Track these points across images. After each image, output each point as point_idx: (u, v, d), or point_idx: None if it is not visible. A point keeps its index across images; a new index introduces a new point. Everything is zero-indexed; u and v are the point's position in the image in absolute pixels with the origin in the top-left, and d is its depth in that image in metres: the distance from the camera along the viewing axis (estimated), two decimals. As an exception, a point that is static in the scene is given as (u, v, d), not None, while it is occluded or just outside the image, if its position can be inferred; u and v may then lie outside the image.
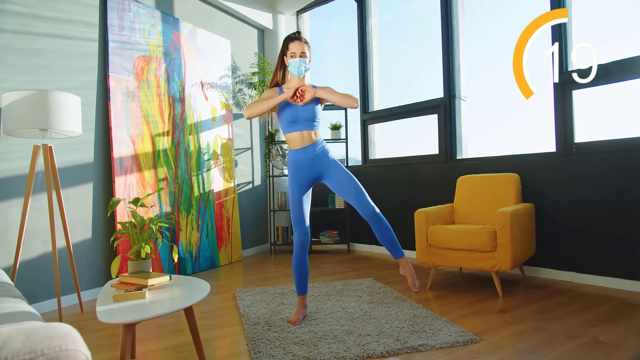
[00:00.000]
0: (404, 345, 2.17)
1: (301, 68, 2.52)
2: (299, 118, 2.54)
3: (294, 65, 2.53)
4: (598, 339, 2.21)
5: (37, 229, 2.96)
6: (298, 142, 2.56)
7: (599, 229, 3.26)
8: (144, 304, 1.66)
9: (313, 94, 2.51)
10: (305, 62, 2.54)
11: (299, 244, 2.59)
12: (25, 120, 2.55)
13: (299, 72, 2.53)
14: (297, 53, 2.52)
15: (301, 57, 2.52)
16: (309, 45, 2.58)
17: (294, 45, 2.53)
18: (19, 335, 0.73)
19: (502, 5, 4.20)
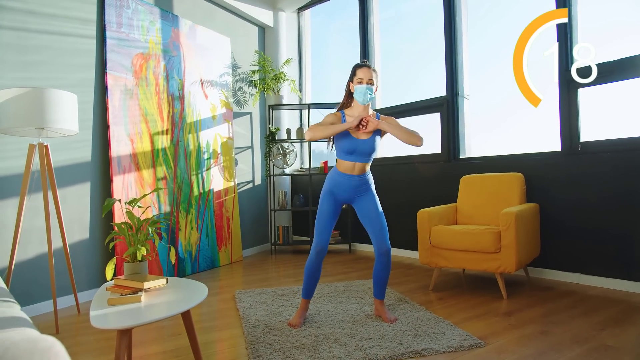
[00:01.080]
0: (407, 350, 2.12)
1: (367, 95, 2.48)
2: (357, 150, 2.52)
3: (359, 91, 2.49)
4: (607, 344, 2.16)
5: (33, 229, 2.90)
6: (349, 170, 2.55)
7: (605, 230, 3.20)
8: (140, 309, 1.61)
9: (376, 125, 2.46)
10: (372, 90, 2.49)
11: (316, 252, 2.53)
12: (21, 118, 2.49)
13: (364, 99, 2.49)
14: (365, 80, 2.49)
15: (368, 83, 2.48)
16: (377, 74, 2.55)
17: (362, 72, 2.50)
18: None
19: (506, 1, 4.14)
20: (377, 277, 2.60)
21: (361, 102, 2.50)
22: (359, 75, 2.50)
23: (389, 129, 2.47)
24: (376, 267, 2.59)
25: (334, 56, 5.94)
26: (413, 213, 3.67)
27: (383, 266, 2.56)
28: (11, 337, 0.72)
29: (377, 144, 2.56)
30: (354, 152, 2.51)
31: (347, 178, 2.54)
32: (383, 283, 2.60)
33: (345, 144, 2.51)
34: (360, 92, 2.49)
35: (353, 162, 2.53)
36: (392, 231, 4.57)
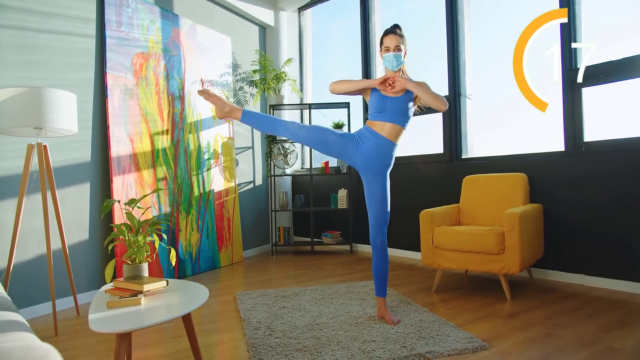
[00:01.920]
0: (411, 353, 2.09)
1: (394, 62, 2.48)
2: (386, 108, 2.48)
3: (387, 59, 2.49)
4: (613, 347, 2.12)
5: (32, 230, 2.87)
6: (377, 128, 2.51)
7: (609, 230, 3.16)
8: (139, 312, 1.57)
9: (403, 84, 2.44)
10: (400, 56, 2.48)
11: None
12: (19, 118, 2.46)
13: (392, 66, 2.49)
14: (392, 47, 2.48)
15: (395, 51, 2.47)
16: (404, 38, 2.53)
17: (388, 39, 2.50)
18: (-11, 358, 0.65)
19: (508, 0, 4.10)
20: (376, 272, 2.59)
21: (391, 69, 2.51)
22: (386, 43, 2.50)
23: (415, 89, 2.44)
24: (374, 262, 2.60)
25: (335, 56, 5.91)
26: (415, 214, 3.63)
27: (378, 257, 2.57)
28: (5, 344, 0.69)
29: (410, 107, 2.52)
30: (383, 110, 2.48)
31: (375, 135, 2.50)
32: (383, 279, 2.58)
33: (375, 102, 2.50)
34: (388, 61, 2.50)
35: (382, 121, 2.49)
36: (394, 232, 4.55)
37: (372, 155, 2.51)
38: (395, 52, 2.47)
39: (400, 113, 2.48)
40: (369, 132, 2.52)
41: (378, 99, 2.49)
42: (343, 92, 2.50)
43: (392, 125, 2.49)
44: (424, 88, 2.46)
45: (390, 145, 2.52)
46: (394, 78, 2.46)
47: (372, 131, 2.51)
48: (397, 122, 2.49)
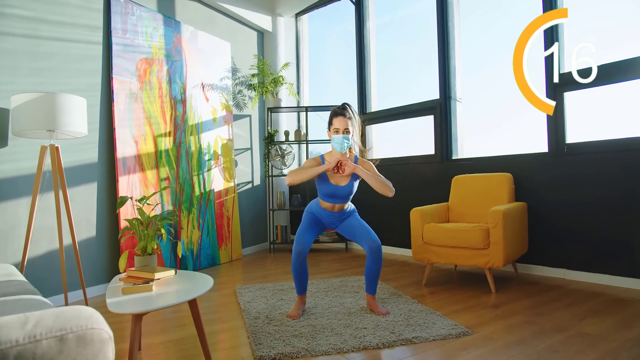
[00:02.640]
0: (399, 338, 2.26)
1: (344, 144, 2.64)
2: (336, 195, 2.71)
3: (336, 141, 2.65)
4: (584, 332, 2.31)
5: (43, 227, 3.04)
6: (329, 208, 2.77)
7: (590, 227, 3.35)
8: (152, 296, 1.75)
9: (353, 169, 2.60)
10: (348, 138, 2.64)
11: (297, 253, 2.65)
12: (33, 121, 2.63)
13: (341, 148, 2.65)
14: (341, 129, 2.63)
15: (344, 133, 2.63)
16: (353, 120, 2.67)
17: (337, 121, 2.64)
18: (49, 316, 0.82)
19: (497, 9, 4.30)
20: (369, 273, 2.71)
21: (338, 151, 2.66)
22: (335, 124, 2.65)
23: (363, 176, 2.61)
24: (368, 263, 2.70)
25: (331, 60, 6.10)
26: (407, 213, 3.82)
27: (374, 262, 2.66)
28: (58, 308, 0.87)
29: (355, 187, 2.74)
30: (334, 196, 2.71)
31: (327, 213, 2.79)
32: (374, 278, 2.72)
33: (325, 189, 2.71)
34: (337, 142, 2.65)
35: (333, 204, 2.74)
36: (386, 230, 4.74)
37: (335, 222, 2.81)
38: (344, 135, 2.63)
39: (347, 196, 2.73)
40: (323, 211, 2.78)
41: (328, 187, 2.69)
42: (300, 182, 2.63)
43: (341, 205, 2.76)
44: (371, 175, 2.62)
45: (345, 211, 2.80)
46: (344, 162, 2.61)
47: (325, 210, 2.77)
48: (345, 201, 2.75)
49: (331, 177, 2.70)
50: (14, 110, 2.65)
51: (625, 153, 3.19)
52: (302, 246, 2.65)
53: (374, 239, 2.66)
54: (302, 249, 2.65)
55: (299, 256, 2.65)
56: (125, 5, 3.70)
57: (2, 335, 0.75)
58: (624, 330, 2.32)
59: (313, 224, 2.79)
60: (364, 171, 2.62)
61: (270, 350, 2.12)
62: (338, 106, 2.71)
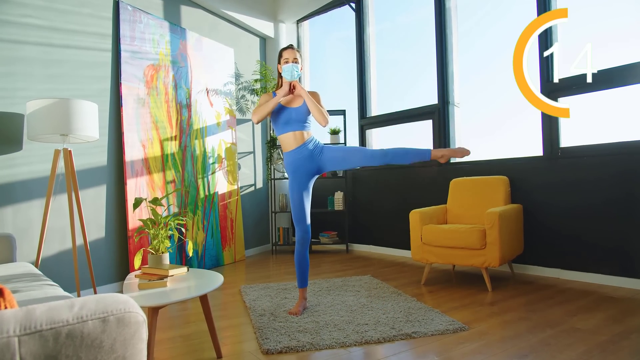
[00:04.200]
0: (399, 333, 2.38)
1: (294, 72, 2.76)
2: (291, 119, 2.78)
3: (286, 70, 2.78)
4: (575, 327, 2.42)
5: (56, 228, 3.15)
6: (292, 143, 2.80)
7: (583, 229, 3.47)
8: (166, 291, 1.86)
9: (300, 90, 2.75)
10: (297, 67, 2.78)
11: (300, 240, 2.82)
12: (48, 126, 2.75)
13: (292, 75, 2.77)
14: (290, 59, 2.78)
15: (293, 62, 2.78)
16: (300, 54, 2.84)
17: (286, 53, 2.81)
18: (91, 300, 0.94)
19: (493, 16, 4.43)
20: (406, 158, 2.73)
21: (289, 79, 2.78)
22: (285, 56, 2.81)
23: (306, 97, 2.73)
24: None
25: (332, 65, 6.22)
26: (406, 214, 3.93)
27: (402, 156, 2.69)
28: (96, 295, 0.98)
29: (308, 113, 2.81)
30: (289, 120, 2.78)
31: (297, 152, 2.78)
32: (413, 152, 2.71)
33: (281, 115, 2.78)
34: (287, 70, 2.78)
35: (292, 131, 2.77)
36: (386, 231, 4.85)
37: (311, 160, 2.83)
38: (294, 63, 2.78)
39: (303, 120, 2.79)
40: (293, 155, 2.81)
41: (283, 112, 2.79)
42: (264, 116, 2.74)
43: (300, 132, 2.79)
44: (311, 100, 2.74)
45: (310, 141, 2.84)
46: (294, 83, 2.77)
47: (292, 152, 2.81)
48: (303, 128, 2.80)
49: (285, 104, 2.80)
50: (30, 116, 2.76)
51: (617, 157, 3.31)
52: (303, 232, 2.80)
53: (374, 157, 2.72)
54: (304, 234, 2.80)
55: (303, 244, 2.80)
56: (134, 13, 3.83)
57: (55, 316, 0.86)
58: (613, 325, 2.43)
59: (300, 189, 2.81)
60: (308, 96, 2.74)
61: (276, 344, 2.23)
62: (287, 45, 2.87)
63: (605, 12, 3.59)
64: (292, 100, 2.82)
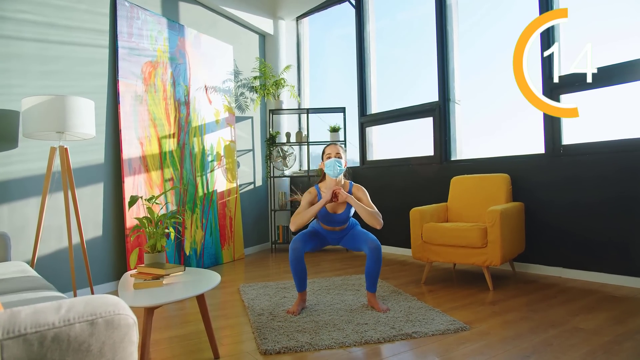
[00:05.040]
0: (399, 333, 2.34)
1: (336, 168, 2.76)
2: (334, 221, 2.86)
3: (329, 165, 2.78)
4: (578, 327, 2.39)
5: (52, 226, 3.12)
6: (329, 229, 2.92)
7: (585, 227, 3.43)
8: (162, 291, 1.83)
9: (345, 198, 2.74)
10: (340, 162, 2.78)
11: (292, 250, 2.74)
12: (43, 123, 2.71)
13: (334, 172, 2.77)
14: (332, 154, 2.79)
15: (336, 156, 2.78)
16: (344, 150, 2.88)
17: (329, 149, 2.84)
18: (80, 302, 0.90)
19: (494, 13, 4.39)
20: (369, 272, 2.78)
21: (332, 176, 2.79)
22: (327, 151, 2.83)
23: (355, 206, 2.75)
24: (368, 262, 2.78)
25: (332, 62, 6.18)
26: (406, 212, 3.90)
27: (374, 261, 2.74)
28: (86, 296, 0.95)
29: (352, 212, 2.89)
30: (332, 222, 2.86)
31: (328, 232, 2.93)
32: (375, 277, 2.79)
33: (324, 218, 2.86)
34: (330, 166, 2.78)
35: (333, 227, 2.90)
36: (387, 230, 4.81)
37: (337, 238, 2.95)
38: (336, 158, 2.78)
39: (345, 221, 2.89)
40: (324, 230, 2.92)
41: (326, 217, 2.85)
42: (305, 224, 2.74)
43: (341, 227, 2.90)
44: (361, 205, 2.74)
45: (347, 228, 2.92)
46: (337, 191, 2.75)
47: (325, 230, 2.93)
48: (344, 224, 2.90)
49: (328, 207, 2.84)
50: (25, 113, 2.73)
51: (620, 154, 3.27)
52: (297, 244, 2.75)
53: (372, 239, 2.75)
54: (297, 246, 2.74)
55: (295, 252, 2.74)
56: (131, 9, 3.79)
57: (40, 319, 0.83)
58: (616, 325, 2.40)
59: (314, 235, 2.90)
60: (355, 202, 2.75)
61: (275, 345, 2.20)
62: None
63: (607, 11, 3.55)
64: (336, 206, 2.84)
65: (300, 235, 2.82)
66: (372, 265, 2.75)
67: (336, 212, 2.84)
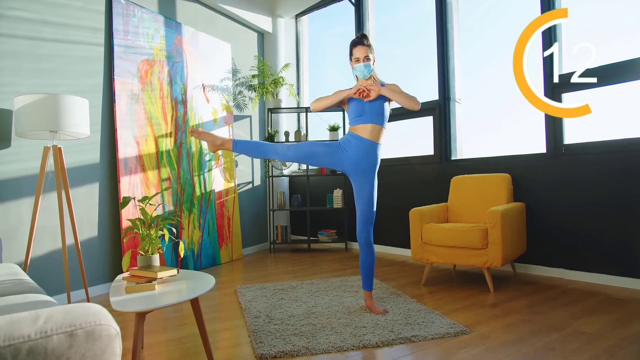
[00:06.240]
0: (398, 336, 2.29)
1: (365, 72, 2.70)
2: (364, 112, 2.68)
3: (358, 70, 2.73)
4: (581, 330, 2.34)
5: (46, 227, 3.07)
6: (360, 132, 2.68)
7: (587, 227, 3.38)
8: (154, 295, 1.78)
9: (378, 91, 2.65)
10: (369, 66, 2.70)
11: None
12: (36, 122, 2.66)
13: (364, 75, 2.71)
14: (361, 58, 2.70)
15: (365, 61, 2.69)
16: (371, 48, 2.74)
17: (357, 50, 2.72)
18: (59, 312, 0.85)
19: (495, 11, 4.33)
20: (361, 266, 2.75)
21: (362, 77, 2.73)
22: (355, 54, 2.73)
23: (389, 94, 2.65)
24: (361, 257, 2.76)
25: (331, 61, 6.13)
26: (407, 213, 3.84)
27: (365, 253, 2.71)
28: (67, 305, 0.90)
29: (386, 108, 2.72)
30: (363, 113, 2.68)
31: (358, 139, 2.67)
32: (369, 272, 2.74)
33: (353, 107, 2.70)
34: (359, 71, 2.72)
35: (364, 123, 2.67)
36: (386, 230, 4.76)
37: (359, 158, 2.68)
38: (365, 62, 2.69)
39: (378, 113, 2.68)
40: (353, 138, 2.69)
41: (357, 104, 2.70)
42: (324, 108, 2.69)
43: (373, 125, 2.67)
44: (396, 92, 2.67)
45: (374, 145, 2.70)
46: (367, 86, 2.65)
47: (356, 135, 2.69)
48: (377, 122, 2.68)
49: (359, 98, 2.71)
50: (17, 112, 2.68)
51: (623, 154, 3.22)
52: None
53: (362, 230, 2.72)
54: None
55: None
56: (127, 6, 3.73)
57: (15, 330, 0.78)
58: (620, 328, 2.35)
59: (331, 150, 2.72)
60: (390, 90, 2.66)
61: (271, 349, 2.15)
62: (356, 36, 2.78)
63: (609, 9, 3.50)
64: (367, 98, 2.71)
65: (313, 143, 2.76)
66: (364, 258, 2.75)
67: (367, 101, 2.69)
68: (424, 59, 4.86)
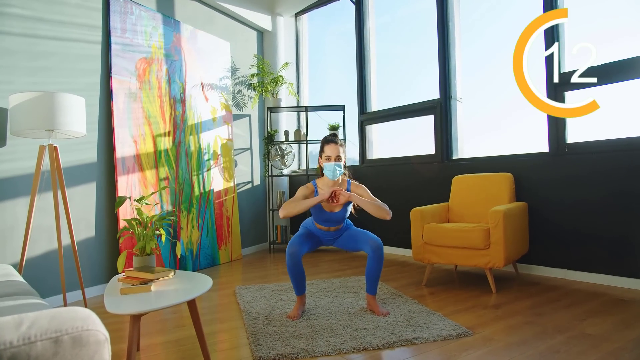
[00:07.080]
0: (399, 338, 2.25)
1: (336, 172, 2.65)
2: (330, 220, 2.74)
3: (328, 169, 2.66)
4: (586, 332, 2.30)
5: (42, 227, 3.03)
6: (324, 229, 2.80)
7: (591, 227, 3.34)
8: (150, 297, 1.74)
9: (347, 197, 2.62)
10: (340, 166, 2.66)
11: (289, 254, 2.62)
12: (32, 121, 2.62)
13: (334, 175, 2.65)
14: (332, 156, 2.65)
15: (336, 160, 2.64)
16: (344, 146, 2.72)
17: (329, 148, 2.66)
18: (44, 317, 0.81)
19: (497, 9, 4.29)
20: (369, 273, 2.68)
21: (331, 178, 2.67)
22: (327, 152, 2.67)
23: (359, 203, 2.62)
24: (369, 262, 2.67)
25: (331, 59, 6.08)
26: (407, 212, 3.80)
27: (376, 260, 2.63)
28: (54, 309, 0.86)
29: (349, 211, 2.78)
30: (328, 221, 2.74)
31: (323, 232, 2.81)
32: (375, 279, 2.69)
33: (319, 216, 2.73)
34: (329, 169, 2.66)
35: (328, 226, 2.79)
36: (386, 230, 4.72)
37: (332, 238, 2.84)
38: (336, 162, 2.65)
39: (342, 220, 2.77)
40: (318, 231, 2.81)
41: (322, 214, 2.73)
42: (294, 214, 2.59)
43: (336, 227, 2.80)
44: (366, 201, 2.62)
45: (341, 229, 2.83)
46: (337, 192, 2.61)
47: (320, 230, 2.81)
48: (340, 223, 2.79)
49: (324, 205, 2.72)
50: (13, 110, 2.63)
51: (626, 153, 3.18)
52: (294, 248, 2.62)
53: (374, 238, 2.67)
54: (294, 251, 2.62)
55: (292, 258, 2.61)
56: (125, 4, 3.69)
57: (-4, 336, 0.73)
58: (626, 330, 2.31)
59: (309, 237, 2.79)
60: (359, 198, 2.63)
61: (269, 351, 2.11)
62: (328, 134, 2.77)
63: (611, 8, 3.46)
64: (332, 205, 2.71)
65: (295, 238, 2.71)
66: (373, 265, 2.65)
67: (332, 211, 2.73)
68: (424, 57, 4.82)
